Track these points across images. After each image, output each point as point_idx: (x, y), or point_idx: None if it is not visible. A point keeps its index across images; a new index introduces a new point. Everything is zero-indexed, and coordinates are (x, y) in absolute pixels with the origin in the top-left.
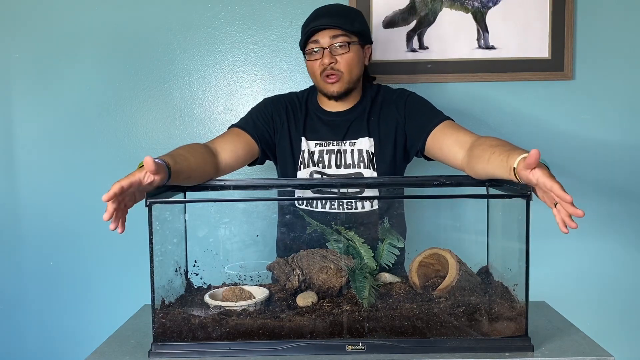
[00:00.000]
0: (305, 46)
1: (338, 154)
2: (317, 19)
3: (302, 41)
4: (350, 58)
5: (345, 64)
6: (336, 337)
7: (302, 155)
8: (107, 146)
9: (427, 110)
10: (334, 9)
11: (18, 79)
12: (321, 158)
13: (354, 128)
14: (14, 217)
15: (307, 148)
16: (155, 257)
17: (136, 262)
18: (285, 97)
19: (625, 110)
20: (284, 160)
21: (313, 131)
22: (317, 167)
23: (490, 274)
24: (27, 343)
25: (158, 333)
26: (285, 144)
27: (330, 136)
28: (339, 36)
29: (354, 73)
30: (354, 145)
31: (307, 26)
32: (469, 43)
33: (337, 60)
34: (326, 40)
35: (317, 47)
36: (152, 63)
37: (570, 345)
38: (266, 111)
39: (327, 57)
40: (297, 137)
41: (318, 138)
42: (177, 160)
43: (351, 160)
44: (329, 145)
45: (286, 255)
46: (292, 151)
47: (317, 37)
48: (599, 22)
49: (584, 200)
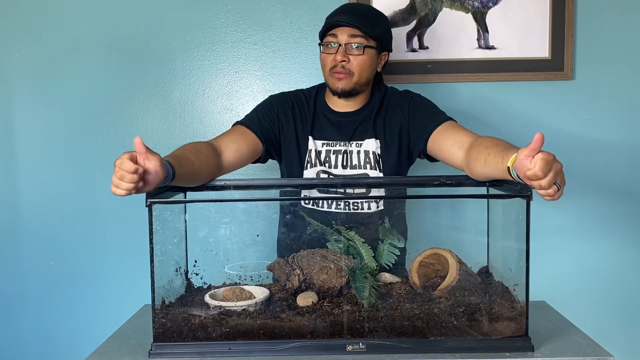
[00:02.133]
0: (323, 37)
1: (345, 155)
2: (341, 14)
3: (321, 31)
4: (362, 61)
5: (357, 66)
6: (336, 337)
7: (309, 154)
8: (107, 146)
9: (429, 111)
10: (360, 8)
11: (18, 79)
12: (328, 158)
13: (361, 129)
14: (14, 217)
15: (314, 147)
16: (155, 257)
17: (136, 262)
18: (292, 95)
19: (625, 110)
20: (289, 159)
21: (320, 131)
22: (323, 166)
23: (491, 274)
24: (27, 343)
25: (158, 333)
26: (291, 143)
27: (337, 136)
28: (357, 37)
29: (364, 76)
30: (360, 146)
31: (330, 18)
32: (469, 43)
33: (349, 59)
34: (344, 38)
35: (334, 42)
36: (152, 63)
37: (570, 345)
38: (272, 109)
39: (341, 55)
40: (304, 136)
41: (325, 138)
42: (182, 164)
43: (357, 161)
44: (335, 145)
45: (287, 255)
46: (299, 150)
47: (336, 32)
48: (599, 22)
49: (584, 200)
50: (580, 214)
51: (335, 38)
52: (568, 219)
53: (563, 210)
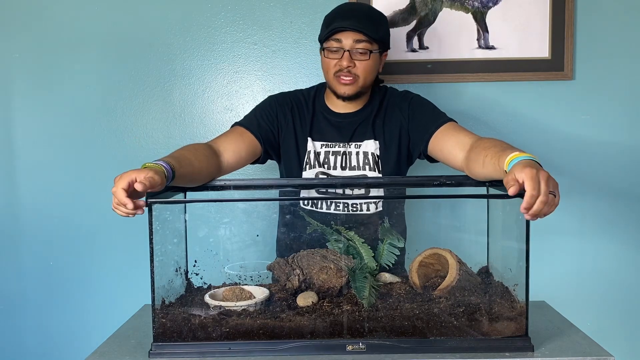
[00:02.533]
0: (325, 39)
1: (344, 156)
2: (344, 18)
3: (323, 35)
4: (368, 65)
5: (363, 70)
6: (336, 337)
7: (308, 155)
8: (107, 146)
9: (430, 112)
10: (363, 10)
11: (18, 79)
12: (327, 159)
13: (360, 130)
14: (14, 217)
15: (313, 149)
16: (155, 257)
17: (136, 262)
18: (291, 96)
19: (625, 110)
20: (288, 160)
21: (319, 132)
22: (322, 167)
23: (491, 274)
24: (27, 343)
25: (158, 333)
26: (290, 144)
27: (337, 138)
28: (362, 42)
29: (368, 79)
30: (359, 147)
31: (331, 21)
32: (469, 43)
33: (355, 64)
34: (348, 43)
35: (337, 47)
36: (152, 63)
37: (570, 345)
38: (271, 110)
39: (346, 60)
40: (303, 137)
41: (324, 139)
42: (182, 164)
43: (356, 163)
44: (334, 146)
45: (286, 255)
46: (298, 151)
47: (340, 37)
48: (599, 22)
49: (584, 200)
50: (581, 214)
51: (340, 43)
52: (568, 219)
53: (563, 210)
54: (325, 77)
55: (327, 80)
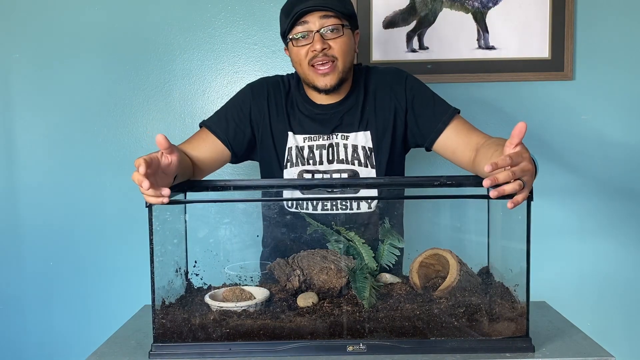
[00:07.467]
0: (290, 31)
1: (330, 149)
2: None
3: (286, 27)
4: (344, 43)
5: (340, 49)
6: (337, 338)
7: (290, 152)
8: (107, 146)
9: (431, 100)
10: None
11: (18, 79)
12: (311, 154)
13: (347, 120)
14: (14, 217)
15: (295, 144)
16: (155, 257)
17: (136, 263)
18: (269, 83)
19: (625, 110)
20: (268, 159)
21: (300, 124)
22: (307, 165)
23: (491, 275)
24: (27, 343)
25: (158, 334)
26: (267, 140)
27: (320, 129)
28: (331, 17)
29: (348, 60)
30: (347, 139)
31: (291, 9)
32: (469, 43)
33: (330, 45)
34: (317, 22)
35: (305, 31)
36: (152, 63)
37: (571, 345)
38: (244, 106)
39: (319, 43)
40: (281, 131)
41: (306, 132)
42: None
43: (344, 156)
44: (319, 139)
45: (273, 257)
46: (276, 147)
47: (306, 19)
48: (599, 22)
49: (584, 200)
50: (581, 214)
51: (306, 25)
52: (568, 219)
53: (563, 211)
54: (300, 71)
55: (303, 74)
